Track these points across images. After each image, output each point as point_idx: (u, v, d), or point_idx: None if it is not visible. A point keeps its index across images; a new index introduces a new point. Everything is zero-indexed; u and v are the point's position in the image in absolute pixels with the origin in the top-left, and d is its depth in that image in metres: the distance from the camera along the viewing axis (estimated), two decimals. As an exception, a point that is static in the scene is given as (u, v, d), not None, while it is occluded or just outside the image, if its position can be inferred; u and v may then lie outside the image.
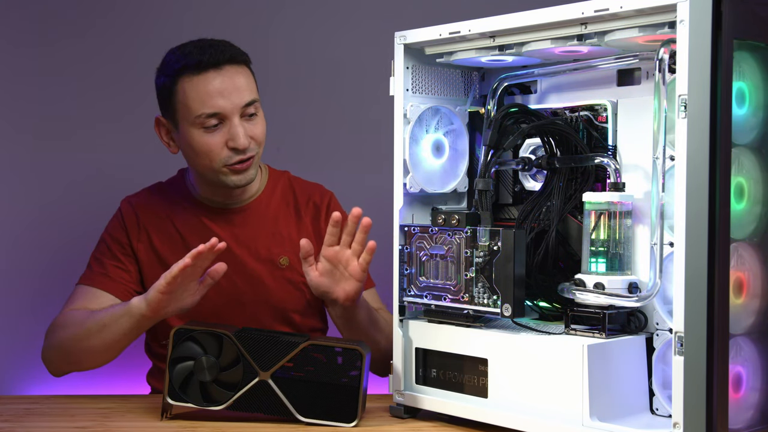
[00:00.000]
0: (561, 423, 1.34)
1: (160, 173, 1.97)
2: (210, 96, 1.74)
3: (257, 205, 1.90)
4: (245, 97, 1.76)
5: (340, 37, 2.47)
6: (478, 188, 1.51)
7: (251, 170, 1.81)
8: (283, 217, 1.91)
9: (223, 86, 1.74)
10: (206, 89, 1.74)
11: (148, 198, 1.90)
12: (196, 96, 1.74)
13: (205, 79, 1.74)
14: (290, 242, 1.88)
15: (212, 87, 1.74)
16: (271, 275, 1.86)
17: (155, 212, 1.87)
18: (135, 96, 2.39)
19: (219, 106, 1.74)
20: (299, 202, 1.94)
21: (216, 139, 1.76)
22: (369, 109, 2.32)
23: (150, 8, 2.41)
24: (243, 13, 2.44)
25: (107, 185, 2.37)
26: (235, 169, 1.78)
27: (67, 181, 2.38)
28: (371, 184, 2.15)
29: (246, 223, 1.88)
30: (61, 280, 2.33)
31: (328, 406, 1.49)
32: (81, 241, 2.34)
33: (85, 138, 2.39)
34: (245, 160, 1.78)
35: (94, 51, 2.39)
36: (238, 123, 1.75)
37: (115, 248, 1.85)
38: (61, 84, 2.38)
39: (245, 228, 1.87)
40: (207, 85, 1.74)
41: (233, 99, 1.75)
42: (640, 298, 1.33)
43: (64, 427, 1.50)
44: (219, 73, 1.75)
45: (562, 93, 1.55)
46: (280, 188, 1.94)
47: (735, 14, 1.22)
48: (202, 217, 1.87)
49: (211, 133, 1.76)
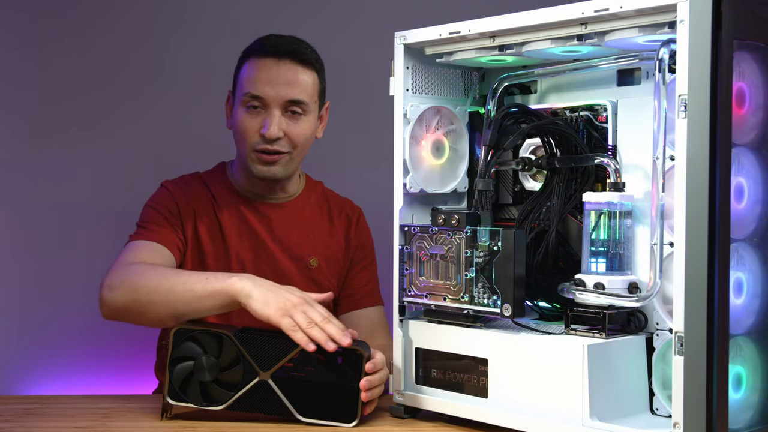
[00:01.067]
0: (561, 423, 1.34)
1: (160, 173, 1.97)
2: (259, 80, 1.80)
3: (294, 205, 1.93)
4: (292, 94, 1.80)
5: (341, 38, 2.47)
6: (478, 188, 1.51)
7: (278, 167, 1.83)
8: (316, 222, 1.94)
9: (275, 75, 1.80)
10: (259, 73, 1.80)
11: (189, 183, 1.90)
12: (249, 76, 1.81)
13: (264, 63, 1.81)
14: (322, 246, 1.92)
15: (264, 72, 1.80)
16: (300, 274, 1.89)
17: (197, 196, 1.88)
18: (135, 95, 2.40)
19: (263, 91, 1.79)
20: (333, 210, 1.97)
21: (252, 122, 1.81)
22: (369, 109, 2.32)
23: (150, 9, 2.41)
24: (243, 13, 2.44)
25: (107, 185, 2.37)
26: (261, 158, 1.82)
27: (68, 180, 2.38)
28: (371, 184, 2.15)
29: (282, 219, 1.90)
30: (61, 280, 2.34)
31: (328, 406, 1.49)
32: (81, 242, 2.35)
33: (86, 138, 2.39)
34: (272, 153, 1.81)
35: (95, 51, 2.39)
36: (277, 114, 1.80)
37: (164, 214, 1.81)
38: (59, 86, 2.37)
39: (280, 224, 1.90)
40: (261, 69, 1.81)
41: (279, 90, 1.79)
42: (640, 298, 1.33)
43: (64, 427, 1.50)
44: (277, 62, 1.81)
45: (562, 93, 1.55)
46: (315, 196, 1.98)
47: (735, 14, 1.22)
48: (241, 207, 1.89)
49: (251, 115, 1.81)
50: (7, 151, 2.35)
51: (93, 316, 1.98)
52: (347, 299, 1.94)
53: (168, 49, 2.41)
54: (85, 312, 2.19)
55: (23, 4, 2.35)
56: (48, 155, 2.37)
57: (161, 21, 2.42)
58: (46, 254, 2.35)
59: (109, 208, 1.94)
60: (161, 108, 2.40)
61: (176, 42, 2.30)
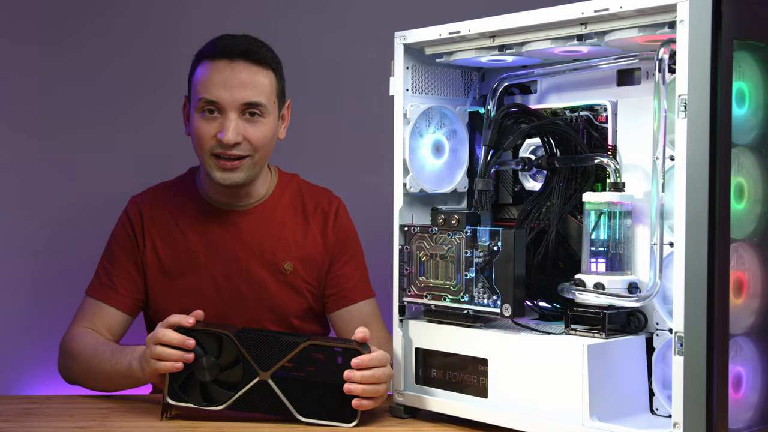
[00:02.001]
0: (561, 423, 1.34)
1: (161, 172, 1.97)
2: (213, 83, 1.74)
3: (264, 209, 1.88)
4: (248, 96, 1.74)
5: (341, 37, 2.47)
6: (478, 188, 1.51)
7: (240, 173, 1.77)
8: (290, 222, 1.89)
9: (229, 78, 1.74)
10: (212, 76, 1.74)
11: (154, 199, 1.89)
12: (202, 80, 1.75)
13: (216, 66, 1.75)
14: (296, 247, 1.87)
15: (218, 76, 1.74)
16: (275, 280, 1.85)
17: (161, 214, 1.86)
18: (135, 95, 2.40)
19: (218, 95, 1.73)
20: (307, 207, 1.92)
21: (209, 128, 1.75)
22: (369, 109, 2.32)
23: (149, 8, 2.41)
24: (243, 12, 2.44)
25: (108, 185, 2.37)
26: (221, 165, 1.76)
27: (68, 180, 2.38)
28: (371, 184, 2.15)
29: (252, 226, 1.86)
30: (61, 280, 2.34)
31: (328, 406, 1.49)
32: (82, 242, 2.35)
33: (85, 137, 2.39)
34: (233, 159, 1.76)
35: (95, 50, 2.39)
36: (233, 118, 1.74)
37: (121, 257, 1.84)
38: (61, 84, 2.37)
39: (251, 232, 1.86)
40: (214, 72, 1.74)
41: (234, 93, 1.73)
42: (640, 298, 1.33)
43: (64, 427, 1.50)
44: (230, 64, 1.75)
45: (562, 93, 1.55)
46: (289, 192, 1.92)
47: (735, 14, 1.22)
48: (208, 218, 1.86)
49: (207, 120, 1.75)
50: (7, 150, 2.35)
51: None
52: (334, 297, 1.90)
53: (169, 49, 2.40)
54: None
55: (25, 2, 2.35)
56: (48, 154, 2.37)
57: (163, 20, 2.42)
58: (47, 254, 2.35)
59: (111, 208, 1.94)
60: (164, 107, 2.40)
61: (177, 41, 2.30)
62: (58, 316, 2.33)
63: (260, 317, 1.85)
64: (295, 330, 1.87)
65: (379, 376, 1.49)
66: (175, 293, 1.81)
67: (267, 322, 1.85)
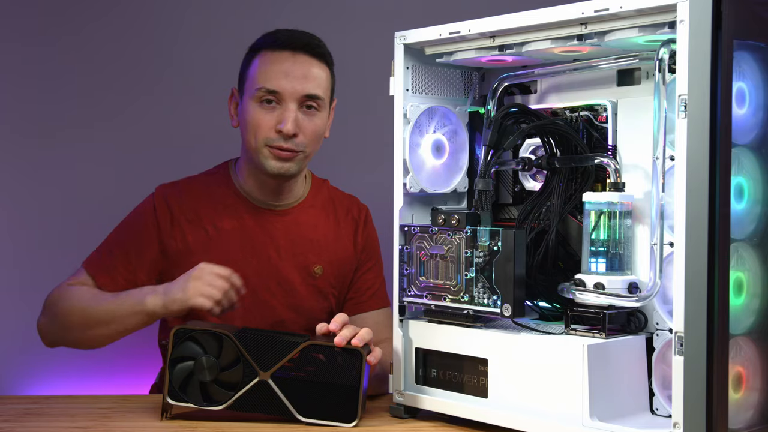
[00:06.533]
0: (561, 423, 1.34)
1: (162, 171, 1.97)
2: (275, 73, 1.76)
3: (299, 211, 1.88)
4: (308, 88, 1.76)
5: (341, 38, 2.46)
6: (478, 188, 1.51)
7: (293, 164, 1.79)
8: (322, 226, 1.90)
9: (291, 69, 1.76)
10: (274, 66, 1.76)
11: (186, 190, 1.85)
12: (263, 70, 1.76)
13: (279, 57, 1.77)
14: (327, 251, 1.88)
15: (280, 66, 1.76)
16: (304, 283, 1.85)
17: (192, 206, 1.83)
18: (135, 95, 2.40)
19: (280, 85, 1.75)
20: (339, 212, 1.93)
21: (267, 118, 1.76)
22: (369, 109, 2.32)
23: (151, 8, 2.41)
24: (244, 13, 2.44)
25: (110, 184, 2.37)
26: (276, 154, 1.77)
27: (68, 180, 2.38)
28: (371, 184, 2.15)
29: (287, 228, 1.86)
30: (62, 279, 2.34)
31: (328, 406, 1.49)
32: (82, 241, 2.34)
33: (85, 137, 2.39)
34: (287, 150, 1.77)
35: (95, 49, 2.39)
36: (293, 109, 1.76)
37: (131, 247, 1.80)
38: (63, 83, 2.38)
39: (285, 234, 1.85)
40: (277, 62, 1.76)
41: (295, 84, 1.75)
42: (640, 298, 1.33)
43: (64, 427, 1.50)
44: (293, 55, 1.77)
45: (562, 93, 1.55)
46: (321, 197, 1.93)
47: (735, 14, 1.22)
48: (244, 214, 1.84)
49: (265, 110, 1.76)
50: (7, 149, 2.35)
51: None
52: (352, 301, 1.90)
53: (171, 48, 2.41)
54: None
55: (27, 3, 2.35)
56: (49, 154, 2.37)
57: (164, 18, 2.42)
58: (47, 253, 2.35)
59: (112, 207, 1.94)
60: (165, 106, 2.40)
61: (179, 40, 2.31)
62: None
63: (284, 316, 1.84)
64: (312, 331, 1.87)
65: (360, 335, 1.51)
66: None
67: (290, 322, 1.84)
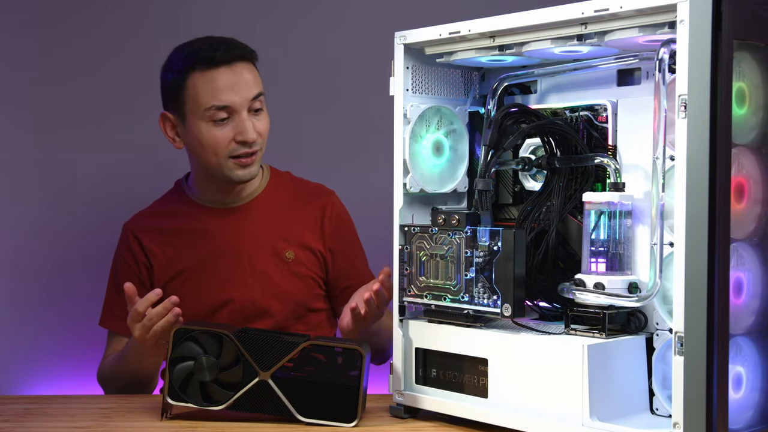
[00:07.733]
0: (561, 423, 1.34)
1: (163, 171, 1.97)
2: (221, 90, 1.80)
3: (260, 202, 1.93)
4: (253, 91, 1.82)
5: (340, 37, 2.47)
6: (478, 188, 1.51)
7: (255, 165, 1.86)
8: (287, 213, 1.94)
9: (233, 81, 1.80)
10: (217, 84, 1.80)
11: (146, 218, 1.94)
12: (207, 90, 1.80)
13: (217, 73, 1.80)
14: (295, 236, 1.92)
15: (223, 82, 1.80)
16: (278, 269, 1.89)
17: (157, 229, 1.91)
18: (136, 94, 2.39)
19: (229, 99, 1.80)
20: (303, 199, 1.97)
21: (223, 133, 1.81)
22: (369, 109, 2.32)
23: (148, 6, 2.41)
24: (243, 12, 2.44)
25: (110, 184, 2.37)
26: (241, 163, 1.83)
27: (68, 179, 2.37)
28: (371, 184, 2.15)
29: (249, 218, 1.91)
30: (61, 279, 2.34)
31: (328, 406, 1.49)
32: (82, 241, 2.35)
33: (86, 136, 2.38)
34: (251, 154, 1.83)
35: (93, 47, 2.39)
36: (246, 117, 1.81)
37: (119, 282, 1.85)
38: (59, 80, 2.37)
39: (249, 223, 1.91)
40: (218, 79, 1.80)
41: (242, 93, 1.81)
42: (640, 298, 1.33)
43: (64, 427, 1.50)
44: (229, 68, 1.81)
45: (562, 93, 1.55)
46: (283, 187, 1.98)
47: (735, 14, 1.22)
48: (207, 220, 1.90)
49: (219, 127, 1.81)
50: (7, 148, 2.35)
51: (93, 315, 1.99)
52: (350, 290, 1.90)
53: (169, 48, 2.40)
54: (85, 312, 2.19)
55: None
56: (50, 153, 2.37)
57: (165, 17, 2.42)
58: (47, 253, 2.35)
59: (112, 208, 1.94)
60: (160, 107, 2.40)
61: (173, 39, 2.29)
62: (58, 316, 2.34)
63: (267, 306, 1.88)
64: (307, 316, 1.91)
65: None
66: (187, 296, 1.81)
67: (275, 311, 1.88)
